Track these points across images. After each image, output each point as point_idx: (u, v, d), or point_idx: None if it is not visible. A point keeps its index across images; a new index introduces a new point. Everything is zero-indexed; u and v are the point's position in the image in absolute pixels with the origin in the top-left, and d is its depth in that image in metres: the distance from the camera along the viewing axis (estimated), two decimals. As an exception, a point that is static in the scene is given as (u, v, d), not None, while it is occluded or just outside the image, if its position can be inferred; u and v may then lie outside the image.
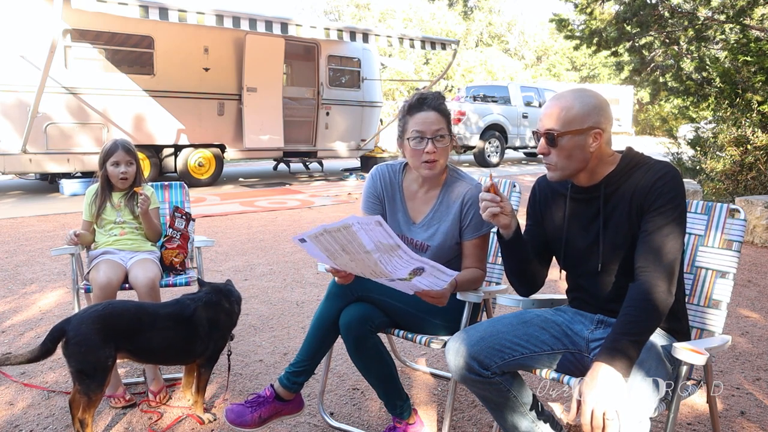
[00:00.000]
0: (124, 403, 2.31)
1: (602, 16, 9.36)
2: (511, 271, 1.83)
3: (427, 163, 1.95)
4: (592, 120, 1.58)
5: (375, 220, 1.51)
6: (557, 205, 1.79)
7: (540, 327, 1.73)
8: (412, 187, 2.10)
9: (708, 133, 8.07)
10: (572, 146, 1.59)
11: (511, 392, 1.69)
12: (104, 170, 2.65)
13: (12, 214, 6.53)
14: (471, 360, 1.64)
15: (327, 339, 2.02)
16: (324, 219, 6.52)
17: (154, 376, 2.40)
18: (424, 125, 1.93)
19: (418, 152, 1.94)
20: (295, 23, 8.18)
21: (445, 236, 2.03)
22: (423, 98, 1.97)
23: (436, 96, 2.00)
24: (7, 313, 3.39)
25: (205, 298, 2.20)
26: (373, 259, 1.59)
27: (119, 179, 2.65)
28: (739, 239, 1.83)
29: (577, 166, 1.63)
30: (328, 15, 37.57)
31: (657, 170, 1.58)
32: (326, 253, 1.64)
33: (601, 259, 1.68)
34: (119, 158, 2.63)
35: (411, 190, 2.11)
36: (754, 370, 2.76)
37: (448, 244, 2.04)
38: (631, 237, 1.61)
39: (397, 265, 1.62)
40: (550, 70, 38.50)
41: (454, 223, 2.03)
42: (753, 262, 4.82)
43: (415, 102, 1.97)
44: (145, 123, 8.53)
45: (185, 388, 2.35)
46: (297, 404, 2.09)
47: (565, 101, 1.60)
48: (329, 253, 1.64)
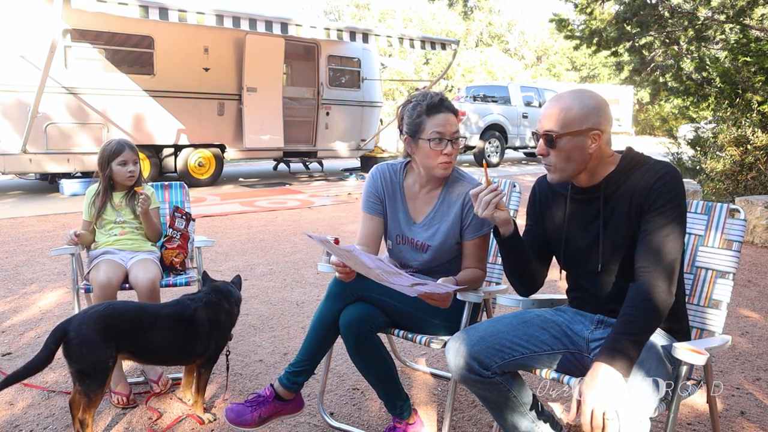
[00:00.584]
0: (125, 404, 2.31)
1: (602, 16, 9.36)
2: (510, 270, 1.83)
3: (443, 163, 1.97)
4: (591, 121, 1.57)
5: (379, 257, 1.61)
6: (557, 205, 1.79)
7: (540, 327, 1.73)
8: (413, 187, 2.10)
9: (708, 133, 8.07)
10: (571, 147, 1.59)
11: (512, 392, 1.69)
12: (109, 170, 2.64)
13: (12, 214, 6.53)
14: (471, 360, 1.64)
15: (327, 339, 2.02)
16: (324, 219, 6.52)
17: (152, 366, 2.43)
18: (444, 127, 1.94)
19: (436, 153, 1.95)
20: (295, 23, 8.18)
21: (445, 236, 2.03)
22: (442, 99, 1.98)
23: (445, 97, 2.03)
24: (7, 313, 3.39)
25: (205, 299, 2.20)
26: (375, 273, 1.67)
27: (127, 178, 2.66)
28: (739, 239, 1.83)
29: (576, 168, 1.63)
30: (328, 15, 37.58)
31: (657, 170, 1.58)
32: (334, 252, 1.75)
33: (601, 259, 1.68)
34: (127, 158, 2.65)
35: (412, 190, 2.11)
36: (754, 370, 2.76)
37: (449, 243, 2.04)
38: (631, 237, 1.61)
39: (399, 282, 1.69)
40: (550, 70, 38.50)
41: (455, 223, 2.03)
42: (753, 262, 4.82)
43: (436, 102, 1.96)
44: (145, 123, 8.53)
45: (185, 388, 2.35)
46: (297, 404, 2.09)
47: (564, 102, 1.59)
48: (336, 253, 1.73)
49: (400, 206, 2.12)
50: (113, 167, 2.64)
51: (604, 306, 1.72)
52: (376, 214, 2.12)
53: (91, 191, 2.69)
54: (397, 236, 2.13)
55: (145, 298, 2.42)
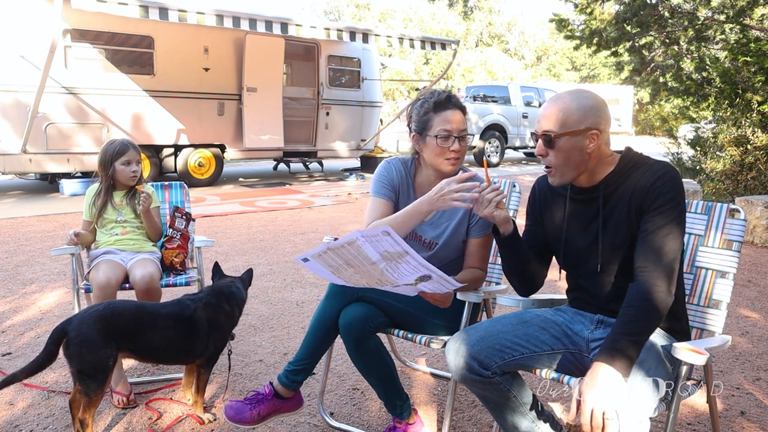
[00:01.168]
0: (125, 404, 2.31)
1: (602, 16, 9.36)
2: (510, 270, 1.83)
3: (451, 159, 1.97)
4: (589, 121, 1.58)
5: (382, 230, 1.51)
6: (557, 205, 1.79)
7: (540, 327, 1.73)
8: (422, 184, 2.10)
9: (708, 133, 8.07)
10: (570, 147, 1.59)
11: (512, 392, 1.69)
12: (111, 170, 2.64)
13: (12, 214, 6.53)
14: (471, 360, 1.64)
15: (327, 338, 2.02)
16: (324, 219, 6.52)
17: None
18: (452, 124, 1.94)
19: (444, 150, 1.95)
20: (295, 23, 8.18)
21: (452, 234, 2.04)
22: (449, 96, 1.99)
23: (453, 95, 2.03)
24: (7, 313, 3.39)
25: (205, 300, 2.20)
26: (379, 269, 1.60)
27: (129, 178, 2.65)
28: (739, 239, 1.83)
29: (575, 169, 1.63)
30: (328, 15, 37.57)
31: (656, 170, 1.58)
32: (330, 269, 1.65)
33: (600, 259, 1.68)
34: (131, 157, 2.64)
35: (422, 186, 2.11)
36: (754, 370, 2.76)
37: (455, 241, 2.05)
38: (631, 237, 1.61)
39: (404, 271, 1.62)
40: (550, 70, 38.50)
41: (462, 221, 2.03)
42: (753, 262, 4.82)
43: (443, 99, 1.97)
44: (145, 123, 8.53)
45: (185, 388, 2.35)
46: (296, 402, 2.09)
47: (562, 102, 1.60)
48: (333, 269, 1.64)
49: (411, 201, 2.12)
50: (116, 167, 2.63)
51: (604, 306, 1.72)
52: (388, 200, 2.09)
53: (91, 191, 2.69)
54: None
55: (143, 297, 2.42)
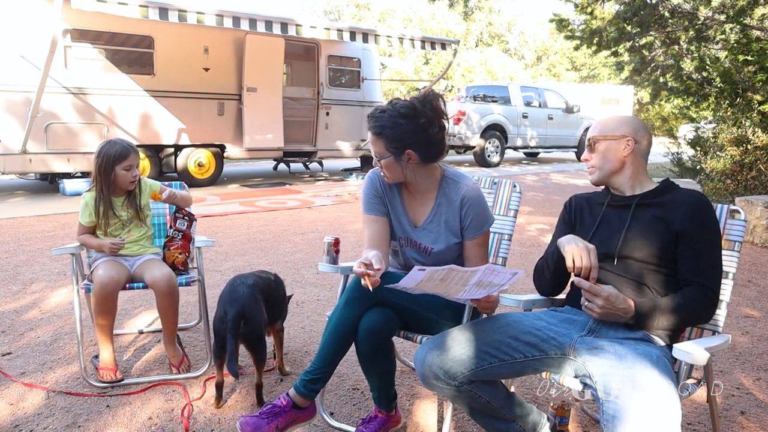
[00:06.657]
0: (113, 378, 2.42)
1: (602, 16, 9.37)
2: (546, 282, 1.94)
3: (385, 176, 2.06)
4: (624, 130, 1.84)
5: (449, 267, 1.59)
6: (593, 214, 1.89)
7: (513, 336, 1.70)
8: (409, 189, 2.12)
9: (708, 133, 8.06)
10: (606, 149, 1.84)
11: (483, 398, 1.69)
12: (113, 175, 2.55)
13: (12, 214, 6.53)
14: (437, 369, 1.65)
15: (345, 345, 1.97)
16: (324, 219, 6.52)
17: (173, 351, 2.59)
18: (372, 147, 2.02)
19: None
20: (295, 23, 8.18)
21: (447, 239, 2.05)
22: (369, 117, 1.98)
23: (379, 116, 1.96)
24: (7, 313, 3.39)
25: (273, 276, 2.65)
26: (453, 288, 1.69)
27: (130, 183, 2.59)
28: (740, 239, 1.83)
29: (611, 167, 1.83)
30: (328, 15, 37.56)
31: (692, 194, 1.77)
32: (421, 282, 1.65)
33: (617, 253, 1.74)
34: (133, 162, 2.57)
35: (408, 192, 2.12)
36: (754, 369, 2.76)
37: (451, 243, 2.05)
38: (649, 248, 1.69)
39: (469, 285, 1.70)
40: (550, 70, 38.49)
41: (455, 225, 2.04)
42: (753, 262, 4.82)
43: (368, 119, 1.99)
44: (145, 123, 8.53)
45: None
46: (312, 411, 2.04)
47: (607, 117, 1.92)
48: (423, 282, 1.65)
49: (400, 208, 2.12)
50: (117, 171, 2.54)
51: None
52: (380, 215, 2.11)
53: (89, 200, 2.59)
54: (401, 238, 2.13)
55: (166, 297, 2.45)
